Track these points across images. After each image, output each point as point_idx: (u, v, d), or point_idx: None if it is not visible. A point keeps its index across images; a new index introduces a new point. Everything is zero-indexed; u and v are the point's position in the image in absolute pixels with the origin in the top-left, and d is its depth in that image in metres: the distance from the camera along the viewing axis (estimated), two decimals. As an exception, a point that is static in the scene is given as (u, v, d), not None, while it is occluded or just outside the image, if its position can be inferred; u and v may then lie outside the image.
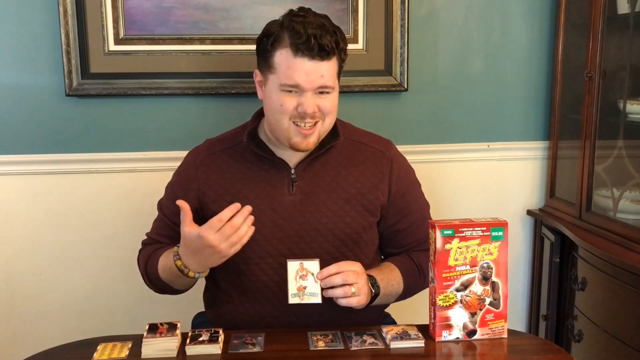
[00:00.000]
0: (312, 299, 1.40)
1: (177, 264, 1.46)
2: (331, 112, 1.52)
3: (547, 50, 2.29)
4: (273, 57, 1.47)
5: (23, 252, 2.17)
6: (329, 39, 1.44)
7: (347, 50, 1.55)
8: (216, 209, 1.55)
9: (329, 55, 1.45)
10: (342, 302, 1.42)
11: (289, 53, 1.44)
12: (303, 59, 1.43)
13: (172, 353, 1.37)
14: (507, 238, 1.41)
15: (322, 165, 1.59)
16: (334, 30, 1.47)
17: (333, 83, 1.49)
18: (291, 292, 1.40)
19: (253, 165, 1.59)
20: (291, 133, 1.50)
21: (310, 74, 1.44)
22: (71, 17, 2.01)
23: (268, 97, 1.52)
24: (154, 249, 1.62)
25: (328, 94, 1.49)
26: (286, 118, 1.49)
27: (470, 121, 2.30)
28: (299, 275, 1.40)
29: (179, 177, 1.65)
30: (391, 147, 1.66)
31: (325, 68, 1.46)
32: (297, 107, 1.47)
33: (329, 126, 1.54)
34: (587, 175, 2.08)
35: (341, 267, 1.42)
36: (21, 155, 2.12)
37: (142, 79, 2.09)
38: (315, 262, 1.42)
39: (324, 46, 1.43)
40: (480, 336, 1.43)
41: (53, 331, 2.20)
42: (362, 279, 1.44)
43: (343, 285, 1.40)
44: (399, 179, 1.62)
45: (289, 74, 1.45)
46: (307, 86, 1.45)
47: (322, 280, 1.40)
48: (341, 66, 1.53)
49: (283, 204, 1.56)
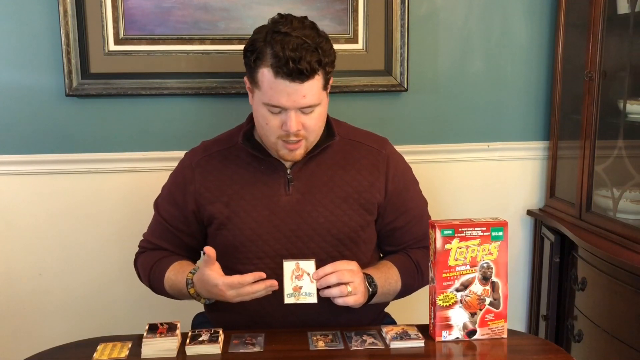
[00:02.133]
0: (307, 299, 1.41)
1: (190, 291, 1.51)
2: (315, 129, 1.52)
3: (547, 50, 2.29)
4: (257, 74, 1.47)
5: (23, 252, 2.17)
6: (309, 60, 1.41)
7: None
8: (213, 210, 1.57)
9: (308, 77, 1.43)
10: (338, 301, 1.42)
11: (270, 73, 1.43)
12: (284, 80, 1.42)
13: (172, 353, 1.37)
14: (507, 238, 1.41)
15: (318, 165, 1.59)
16: (315, 46, 1.43)
17: (317, 100, 1.47)
18: (287, 292, 1.40)
19: (249, 166, 1.59)
20: (278, 146, 1.52)
21: (292, 94, 1.44)
22: (71, 17, 2.01)
23: (256, 111, 1.53)
24: (155, 258, 1.62)
25: (313, 111, 1.49)
26: (273, 135, 1.50)
27: (470, 121, 2.30)
28: (294, 275, 1.41)
29: (176, 178, 1.65)
30: (387, 145, 1.66)
31: (306, 88, 1.44)
32: (282, 125, 1.48)
33: (314, 140, 1.55)
34: (587, 175, 2.08)
35: (336, 266, 1.42)
36: (21, 155, 2.11)
37: (142, 79, 2.09)
38: (311, 262, 1.42)
39: (303, 70, 1.41)
40: (480, 336, 1.43)
41: (53, 331, 2.20)
42: (358, 278, 1.45)
43: (339, 284, 1.41)
44: (395, 177, 1.62)
45: (271, 94, 1.45)
46: (289, 106, 1.45)
47: (317, 280, 1.40)
48: (327, 79, 1.51)
49: (280, 204, 1.56)
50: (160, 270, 1.58)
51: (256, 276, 1.40)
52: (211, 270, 1.42)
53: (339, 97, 2.12)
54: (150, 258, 1.63)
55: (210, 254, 1.42)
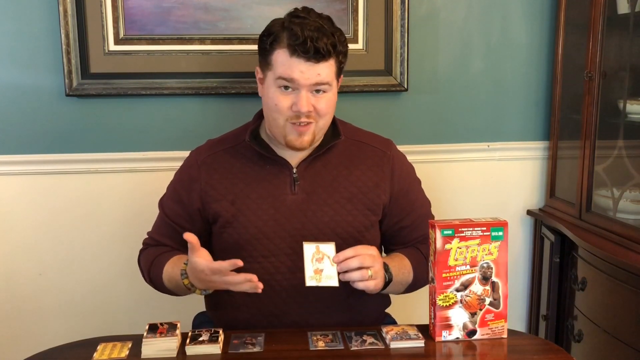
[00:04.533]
0: (329, 281, 1.38)
1: (184, 282, 1.49)
2: (326, 114, 1.52)
3: (547, 50, 2.29)
4: (271, 56, 1.49)
5: (23, 252, 2.17)
6: (326, 42, 1.44)
7: (348, 52, 1.55)
8: (218, 209, 1.57)
9: (324, 57, 1.46)
10: (359, 285, 1.41)
11: (286, 53, 1.46)
12: (299, 59, 1.45)
13: (172, 353, 1.37)
14: (507, 238, 1.41)
15: (324, 165, 1.59)
16: (332, 32, 1.47)
17: (330, 80, 1.49)
18: (308, 275, 1.38)
19: (255, 164, 1.59)
20: (287, 130, 1.51)
21: (305, 72, 1.46)
22: (71, 17, 2.01)
23: (266, 95, 1.53)
24: (157, 253, 1.62)
25: (324, 93, 1.50)
26: (282, 118, 1.50)
27: (470, 121, 2.30)
28: (315, 258, 1.39)
29: (181, 176, 1.65)
30: (392, 147, 1.67)
31: (321, 68, 1.46)
32: (292, 106, 1.48)
33: (323, 127, 1.55)
34: (587, 175, 2.08)
35: (358, 250, 1.41)
36: (21, 155, 2.11)
37: (142, 79, 2.09)
38: (331, 245, 1.40)
39: (319, 49, 1.43)
40: (480, 336, 1.43)
41: (53, 331, 2.20)
42: (379, 263, 1.44)
43: (360, 268, 1.40)
44: (400, 178, 1.63)
45: (284, 69, 1.46)
46: (303, 82, 1.46)
47: (338, 264, 1.39)
48: (340, 68, 1.53)
49: (285, 203, 1.56)
50: (160, 264, 1.58)
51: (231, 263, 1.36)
52: (198, 257, 1.39)
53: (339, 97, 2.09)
54: (152, 254, 1.63)
55: (191, 240, 1.39)
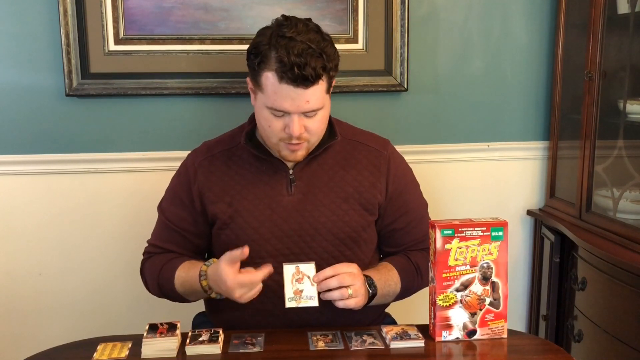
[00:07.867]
0: (309, 302, 1.40)
1: (202, 283, 1.49)
2: (317, 132, 1.52)
3: (547, 50, 2.29)
4: (260, 77, 1.46)
5: (23, 251, 2.17)
6: (314, 66, 1.41)
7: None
8: (216, 210, 1.57)
9: (313, 83, 1.43)
10: (339, 304, 1.42)
11: (275, 78, 1.43)
12: (289, 85, 1.42)
13: (172, 353, 1.37)
14: (507, 238, 1.41)
15: (320, 165, 1.59)
16: (320, 52, 1.42)
17: (320, 104, 1.48)
18: (288, 296, 1.40)
19: (251, 166, 1.59)
20: (280, 147, 1.52)
21: (295, 99, 1.44)
22: (71, 17, 2.01)
23: (258, 113, 1.53)
24: (165, 259, 1.60)
25: (316, 114, 1.49)
26: (275, 137, 1.50)
27: (470, 121, 2.30)
28: (295, 279, 1.41)
29: (179, 179, 1.65)
30: (388, 146, 1.67)
31: (310, 93, 1.44)
32: (285, 128, 1.48)
33: (317, 140, 1.55)
34: (587, 175, 2.08)
35: (337, 269, 1.42)
36: (21, 155, 2.11)
37: (142, 79, 2.09)
38: (311, 265, 1.42)
39: (308, 76, 1.40)
40: (480, 336, 1.43)
41: (53, 331, 2.19)
42: (359, 281, 1.45)
43: (339, 287, 1.41)
44: (396, 178, 1.63)
45: (274, 98, 1.45)
46: (293, 110, 1.45)
47: (318, 284, 1.40)
48: (330, 82, 1.51)
49: (282, 204, 1.56)
50: (171, 269, 1.56)
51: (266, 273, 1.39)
52: (229, 267, 1.39)
53: (339, 97, 2.12)
54: (159, 261, 1.61)
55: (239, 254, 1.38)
